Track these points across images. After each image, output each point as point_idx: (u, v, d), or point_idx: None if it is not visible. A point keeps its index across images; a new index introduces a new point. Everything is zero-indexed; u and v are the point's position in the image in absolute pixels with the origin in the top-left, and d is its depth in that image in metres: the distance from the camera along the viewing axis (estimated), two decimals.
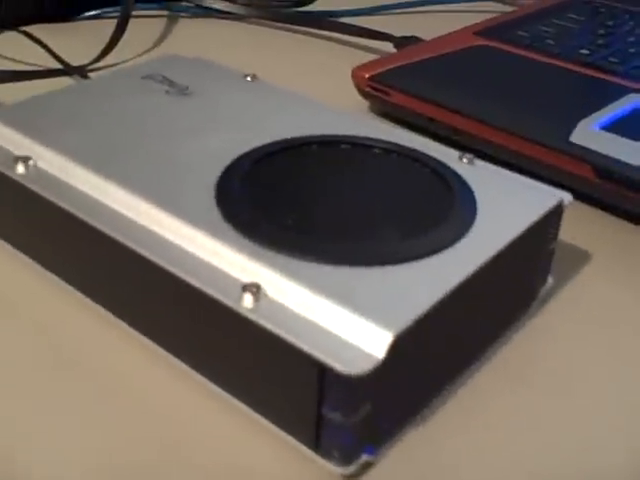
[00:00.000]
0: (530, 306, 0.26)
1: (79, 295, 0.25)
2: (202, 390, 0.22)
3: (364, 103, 0.40)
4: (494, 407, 0.23)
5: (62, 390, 0.23)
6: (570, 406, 0.23)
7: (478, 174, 0.26)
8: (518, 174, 0.27)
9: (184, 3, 0.54)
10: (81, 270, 0.25)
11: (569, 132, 0.32)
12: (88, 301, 0.25)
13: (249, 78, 0.32)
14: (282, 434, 0.21)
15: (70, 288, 0.26)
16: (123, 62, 0.45)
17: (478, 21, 0.46)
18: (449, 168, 0.26)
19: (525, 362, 0.25)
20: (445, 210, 0.24)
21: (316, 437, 0.20)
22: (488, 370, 0.24)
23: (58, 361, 0.24)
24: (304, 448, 0.20)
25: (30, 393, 0.23)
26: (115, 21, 0.46)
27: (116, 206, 0.24)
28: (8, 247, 0.27)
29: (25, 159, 0.25)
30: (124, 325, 0.24)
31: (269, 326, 0.20)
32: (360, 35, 0.47)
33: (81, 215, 0.24)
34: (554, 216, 0.25)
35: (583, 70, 0.38)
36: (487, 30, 0.43)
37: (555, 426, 0.22)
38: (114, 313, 0.24)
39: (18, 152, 0.26)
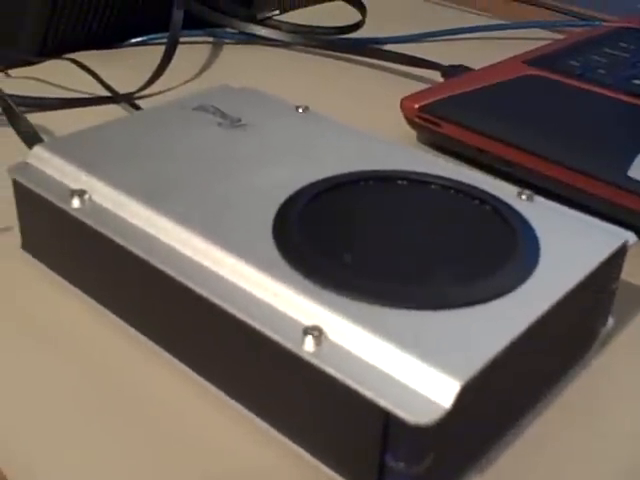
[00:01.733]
0: (591, 347, 0.26)
1: (132, 331, 0.25)
2: (261, 434, 0.22)
3: (412, 133, 0.40)
4: (557, 450, 0.22)
5: (109, 427, 0.22)
6: (633, 450, 0.22)
7: (539, 212, 0.25)
8: (578, 211, 0.26)
9: (229, 29, 0.54)
10: (134, 305, 0.25)
11: (626, 166, 0.31)
12: (141, 337, 0.25)
13: (301, 110, 0.32)
14: None
15: (122, 323, 0.25)
16: (169, 89, 0.45)
17: (525, 48, 0.45)
18: (510, 206, 0.25)
19: (587, 404, 0.24)
20: (508, 250, 0.23)
21: None
22: (550, 413, 0.23)
23: (114, 396, 0.23)
24: None
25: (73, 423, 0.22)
26: (160, 47, 0.47)
27: (171, 242, 0.23)
28: (62, 281, 0.27)
29: (81, 193, 0.25)
30: (177, 362, 0.24)
31: (332, 371, 0.19)
32: (407, 63, 0.47)
33: (136, 251, 0.23)
34: (618, 257, 0.24)
35: (637, 101, 0.37)
36: (537, 59, 0.43)
37: (616, 468, 0.22)
38: (168, 350, 0.24)
39: (74, 185, 0.26)
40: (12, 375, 0.24)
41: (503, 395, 0.22)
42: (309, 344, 0.20)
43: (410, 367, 0.19)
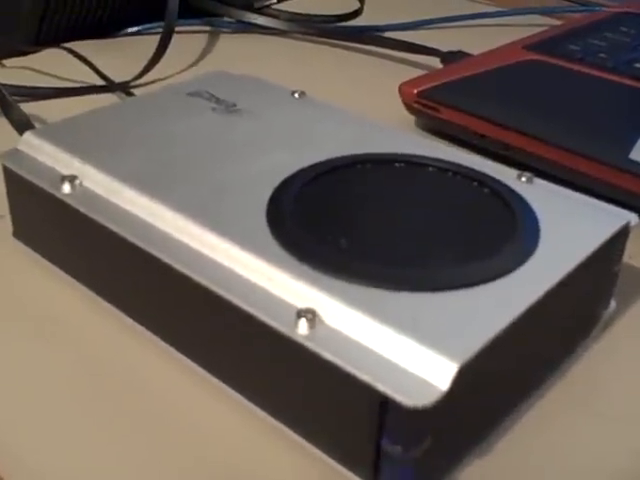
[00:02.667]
0: (592, 331, 0.25)
1: (125, 318, 0.25)
2: (257, 420, 0.22)
3: (410, 118, 0.39)
4: (557, 434, 0.22)
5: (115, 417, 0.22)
6: (634, 432, 0.22)
7: (539, 194, 0.25)
8: (578, 193, 0.26)
9: (226, 18, 0.53)
10: (127, 293, 0.24)
11: (628, 149, 0.31)
12: (135, 324, 0.24)
13: (297, 95, 0.31)
14: (337, 467, 0.20)
15: (116, 310, 0.25)
16: (165, 78, 0.45)
17: (524, 35, 0.45)
18: (509, 188, 0.25)
19: (588, 387, 0.23)
20: (507, 232, 0.22)
21: (374, 471, 0.19)
22: (551, 396, 0.23)
23: (109, 385, 0.23)
24: None
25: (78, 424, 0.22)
26: (156, 37, 0.46)
27: (165, 228, 0.23)
28: (54, 268, 0.27)
29: (71, 178, 0.25)
30: (172, 350, 0.23)
31: (326, 354, 0.19)
32: (406, 50, 0.46)
33: (128, 237, 0.23)
34: (620, 238, 0.24)
35: (638, 84, 0.37)
36: (537, 44, 0.42)
37: (618, 451, 0.21)
38: (162, 338, 0.24)
39: (65, 171, 0.25)
40: (3, 364, 0.24)
41: (502, 378, 0.21)
42: (303, 327, 0.19)
43: (406, 349, 0.18)
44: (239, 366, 0.22)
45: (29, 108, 0.39)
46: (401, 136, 0.28)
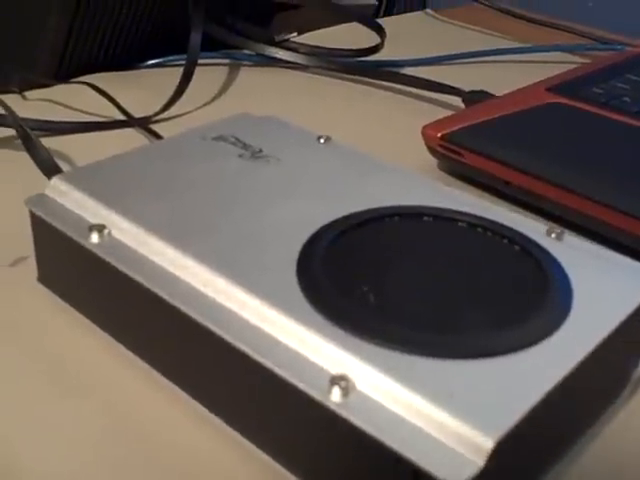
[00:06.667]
0: (623, 390, 0.25)
1: (149, 369, 0.24)
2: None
3: (433, 160, 0.39)
4: None
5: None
6: None
7: (569, 252, 0.24)
8: (607, 249, 0.25)
9: (246, 51, 0.53)
10: (152, 344, 0.24)
11: None
12: (159, 376, 0.24)
13: (322, 140, 0.31)
14: None
15: (139, 361, 0.25)
16: (186, 113, 0.45)
17: (547, 72, 0.45)
18: (540, 246, 0.24)
19: (621, 448, 0.23)
20: (540, 295, 0.22)
21: None
22: (586, 457, 0.23)
23: (137, 445, 0.23)
24: None
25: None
26: (176, 69, 0.46)
27: (193, 282, 0.23)
28: (78, 315, 0.27)
29: (100, 228, 0.25)
30: (199, 405, 0.23)
31: (359, 423, 0.18)
32: (427, 88, 0.46)
33: (156, 290, 0.23)
34: None
35: None
36: (560, 86, 0.42)
37: None
38: (188, 392, 0.24)
39: (93, 220, 0.25)
40: (28, 413, 0.24)
41: (535, 446, 0.21)
42: (336, 394, 0.19)
43: (441, 422, 0.18)
44: (268, 427, 0.21)
45: (50, 142, 0.39)
46: (428, 186, 0.28)
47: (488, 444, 0.18)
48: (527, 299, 0.22)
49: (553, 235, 0.26)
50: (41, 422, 0.23)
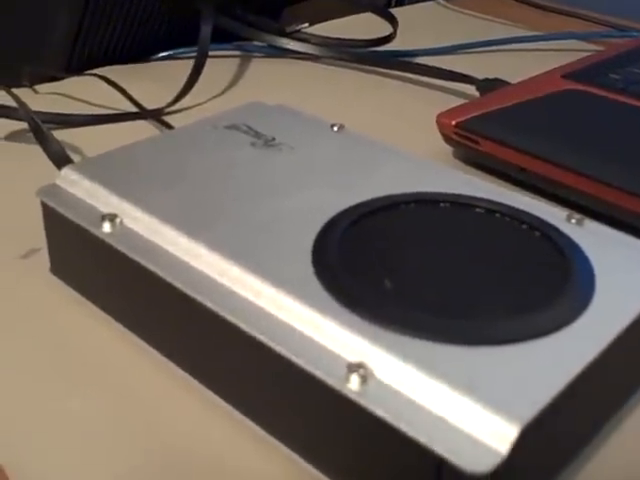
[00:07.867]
0: None
1: (163, 359, 0.24)
2: (307, 475, 0.21)
3: (448, 149, 0.39)
4: None
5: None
6: None
7: (591, 237, 0.24)
8: (630, 236, 0.25)
9: (257, 43, 0.53)
10: (166, 334, 0.24)
11: None
12: (172, 365, 0.24)
13: (336, 128, 0.31)
14: None
15: (153, 350, 0.24)
16: (198, 104, 0.44)
17: (561, 60, 0.44)
18: (560, 231, 0.24)
19: None
20: (561, 280, 0.22)
21: None
22: (608, 446, 0.22)
23: (148, 432, 0.22)
24: None
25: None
26: (187, 61, 0.46)
27: (207, 271, 0.22)
28: (91, 305, 0.26)
29: (112, 217, 0.24)
30: (211, 394, 0.23)
31: (379, 412, 0.18)
32: (440, 77, 0.45)
33: (169, 279, 0.22)
34: None
35: None
36: (576, 73, 0.41)
37: None
38: (202, 382, 0.23)
39: (104, 209, 0.25)
40: (39, 403, 0.23)
41: (559, 434, 0.20)
42: (354, 382, 0.19)
43: (464, 409, 0.18)
44: (285, 417, 0.21)
45: (61, 135, 0.39)
46: (445, 172, 0.27)
47: (513, 432, 0.17)
48: (549, 285, 0.22)
49: (573, 221, 0.25)
50: (55, 414, 0.23)
